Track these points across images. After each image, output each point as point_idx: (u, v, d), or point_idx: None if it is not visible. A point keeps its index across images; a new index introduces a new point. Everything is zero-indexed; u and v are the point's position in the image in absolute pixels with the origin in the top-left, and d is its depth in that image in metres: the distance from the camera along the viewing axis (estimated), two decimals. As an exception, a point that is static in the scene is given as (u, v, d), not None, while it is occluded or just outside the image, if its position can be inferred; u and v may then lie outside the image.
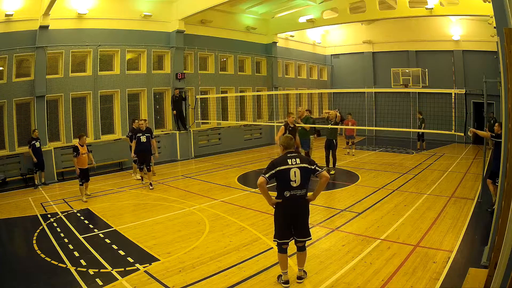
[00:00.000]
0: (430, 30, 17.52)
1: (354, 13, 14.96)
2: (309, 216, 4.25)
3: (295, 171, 4.01)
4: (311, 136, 10.86)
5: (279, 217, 4.18)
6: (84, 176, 8.34)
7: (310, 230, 4.31)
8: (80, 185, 8.33)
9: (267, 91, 17.51)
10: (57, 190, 9.67)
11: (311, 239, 4.29)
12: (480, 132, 7.21)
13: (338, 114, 10.53)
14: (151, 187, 9.14)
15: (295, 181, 4.02)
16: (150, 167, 9.52)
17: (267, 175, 4.01)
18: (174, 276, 4.52)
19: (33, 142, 9.90)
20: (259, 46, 17.49)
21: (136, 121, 10.08)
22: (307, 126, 10.33)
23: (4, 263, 5.18)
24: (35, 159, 9.81)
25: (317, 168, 4.11)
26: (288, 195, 4.05)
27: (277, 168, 4.03)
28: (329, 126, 10.54)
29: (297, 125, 9.99)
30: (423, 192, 8.29)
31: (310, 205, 4.26)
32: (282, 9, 16.89)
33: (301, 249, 4.22)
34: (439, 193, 8.14)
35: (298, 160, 4.07)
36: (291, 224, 4.13)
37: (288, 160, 4.07)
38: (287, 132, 9.14)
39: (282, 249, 4.16)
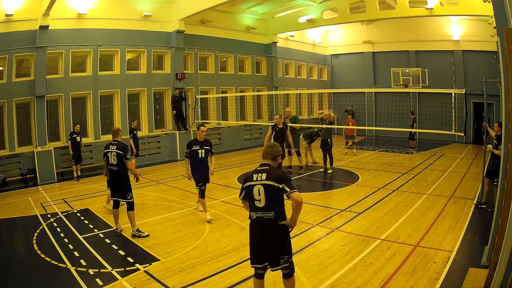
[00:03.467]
0: (430, 30, 17.52)
1: (354, 13, 14.96)
2: (289, 242, 3.51)
3: (259, 189, 3.34)
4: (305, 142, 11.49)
5: (250, 239, 3.53)
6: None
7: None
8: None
9: (267, 91, 17.51)
10: (57, 190, 9.68)
11: (287, 266, 3.46)
12: (491, 131, 7.32)
13: (332, 114, 10.66)
14: (141, 234, 5.94)
15: (259, 200, 3.35)
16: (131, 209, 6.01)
17: (241, 196, 3.55)
18: (174, 276, 4.52)
19: (74, 135, 10.67)
20: (259, 46, 17.49)
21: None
22: (297, 125, 10.79)
23: (4, 263, 5.17)
24: (71, 152, 10.59)
25: (285, 188, 3.28)
26: (254, 217, 3.42)
27: (244, 185, 3.49)
28: (324, 126, 10.67)
29: (289, 125, 10.16)
30: (423, 192, 8.29)
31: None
32: (282, 9, 16.89)
33: (286, 276, 3.53)
34: (439, 193, 8.14)
35: (264, 176, 3.36)
36: (262, 250, 3.46)
37: (254, 175, 3.43)
38: (274, 133, 9.17)
39: (258, 274, 3.56)
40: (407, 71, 17.42)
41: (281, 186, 3.29)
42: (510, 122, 3.67)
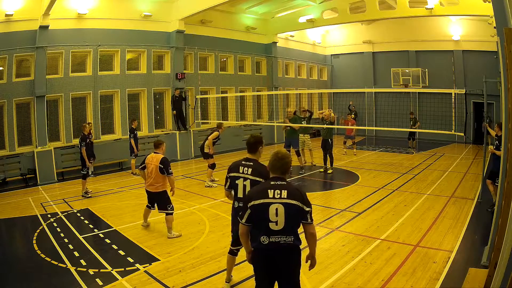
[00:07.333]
0: (430, 30, 17.52)
1: (354, 13, 14.96)
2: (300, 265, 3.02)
3: (277, 208, 2.77)
4: (306, 135, 11.36)
5: (256, 270, 3.01)
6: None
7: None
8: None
9: (267, 91, 17.51)
10: (57, 190, 9.67)
11: None
12: (491, 131, 7.43)
13: (332, 114, 10.69)
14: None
15: (276, 222, 2.77)
16: None
17: (243, 220, 2.91)
18: (174, 276, 4.52)
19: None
20: (259, 46, 17.49)
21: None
22: (296, 125, 10.76)
23: (4, 263, 5.17)
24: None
25: (308, 216, 2.85)
26: (266, 242, 2.81)
27: (251, 204, 2.84)
28: (324, 126, 10.71)
29: (285, 124, 10.96)
30: (423, 192, 8.29)
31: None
32: (282, 9, 16.89)
33: None
34: (439, 193, 8.14)
35: (285, 193, 2.80)
36: (274, 280, 2.96)
37: (268, 190, 2.82)
38: (218, 140, 9.83)
39: None
40: (407, 71, 17.44)
41: (306, 209, 2.83)
42: (510, 122, 3.67)
